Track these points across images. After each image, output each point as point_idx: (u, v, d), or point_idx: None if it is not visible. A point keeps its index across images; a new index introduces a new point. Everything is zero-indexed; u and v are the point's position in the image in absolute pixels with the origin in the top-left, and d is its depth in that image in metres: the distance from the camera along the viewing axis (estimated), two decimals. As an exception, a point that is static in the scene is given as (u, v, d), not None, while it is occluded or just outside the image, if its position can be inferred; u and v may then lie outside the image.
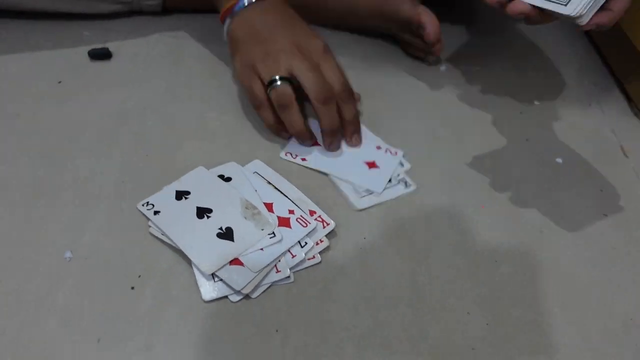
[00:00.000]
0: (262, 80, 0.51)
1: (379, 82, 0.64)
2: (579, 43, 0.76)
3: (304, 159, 0.53)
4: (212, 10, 0.59)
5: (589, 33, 0.77)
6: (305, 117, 0.54)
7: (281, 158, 0.52)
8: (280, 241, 0.44)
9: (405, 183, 0.52)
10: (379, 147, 0.55)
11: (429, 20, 0.61)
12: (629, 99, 0.66)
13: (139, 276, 0.42)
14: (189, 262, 0.43)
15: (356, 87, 0.61)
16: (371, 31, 0.69)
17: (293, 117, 0.51)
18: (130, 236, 0.44)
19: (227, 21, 0.56)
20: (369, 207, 0.49)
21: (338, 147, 0.54)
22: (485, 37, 0.74)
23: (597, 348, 0.41)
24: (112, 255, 0.43)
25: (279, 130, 0.54)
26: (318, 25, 0.66)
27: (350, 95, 0.53)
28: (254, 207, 0.46)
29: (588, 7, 0.46)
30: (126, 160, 0.50)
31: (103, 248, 0.43)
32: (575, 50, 0.75)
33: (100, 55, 0.60)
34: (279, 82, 0.50)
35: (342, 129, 0.54)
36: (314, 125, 0.55)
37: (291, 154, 0.53)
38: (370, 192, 0.50)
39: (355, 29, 0.69)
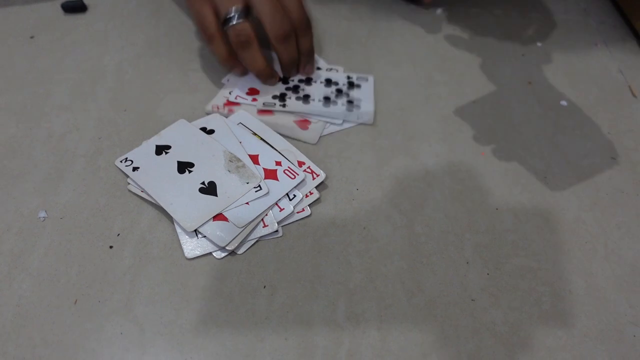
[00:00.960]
0: (215, 10, 0.46)
1: (372, 28, 0.60)
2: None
3: (231, 109, 0.49)
4: None
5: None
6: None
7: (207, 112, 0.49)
8: (266, 194, 0.41)
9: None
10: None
11: None
12: (637, 36, 0.62)
13: (118, 235, 0.39)
14: (170, 219, 0.40)
15: (347, 34, 0.58)
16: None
17: (254, 55, 0.47)
18: (108, 194, 0.42)
19: None
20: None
21: (296, 74, 0.52)
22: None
23: (603, 295, 0.39)
24: (88, 214, 0.40)
25: (233, 66, 0.49)
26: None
27: (308, 27, 0.48)
28: (238, 160, 0.43)
29: None
30: (103, 116, 0.48)
31: (79, 207, 0.41)
32: (580, -12, 0.70)
33: (74, 7, 0.57)
34: (236, 18, 0.45)
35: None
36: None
37: (218, 107, 0.49)
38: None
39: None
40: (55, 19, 0.56)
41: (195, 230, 0.39)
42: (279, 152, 0.45)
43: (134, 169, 0.43)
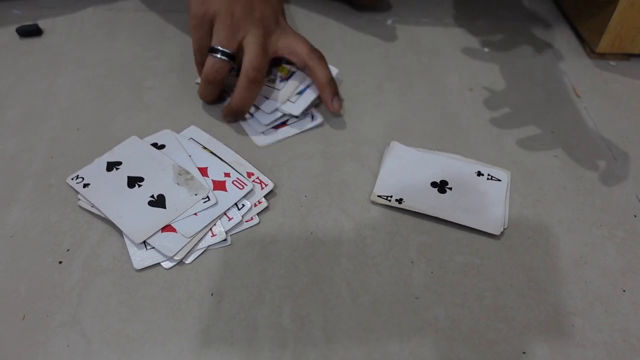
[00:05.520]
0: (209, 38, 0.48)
1: (325, 40, 0.62)
2: (531, -12, 0.74)
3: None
4: None
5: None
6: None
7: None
8: (215, 205, 0.42)
9: (312, 116, 0.52)
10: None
11: None
12: (581, 39, 0.65)
13: (68, 250, 0.40)
14: (120, 232, 0.41)
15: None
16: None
17: (213, 92, 0.51)
18: (59, 211, 0.43)
19: None
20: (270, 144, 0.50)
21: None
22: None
23: (543, 288, 0.40)
24: (39, 231, 0.41)
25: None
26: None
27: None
28: (187, 173, 0.44)
29: None
30: (56, 135, 0.48)
31: (29, 224, 0.42)
32: (527, -5, 0.73)
33: (29, 32, 0.58)
34: (220, 54, 0.47)
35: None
36: None
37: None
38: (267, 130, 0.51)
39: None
40: (10, 44, 0.57)
41: (145, 242, 0.40)
42: (228, 164, 0.46)
43: (85, 185, 0.44)
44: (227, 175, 0.45)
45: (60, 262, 0.39)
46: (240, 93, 0.48)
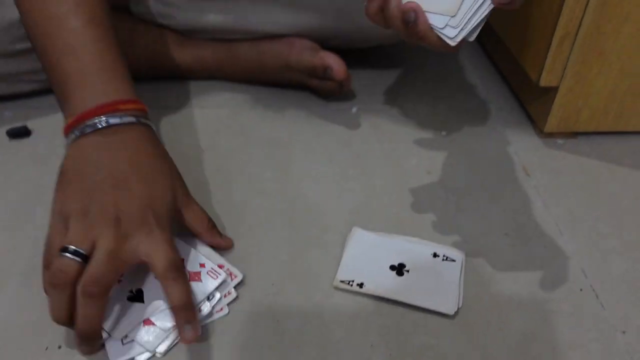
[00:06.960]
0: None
1: (293, 131, 0.67)
2: (483, 68, 0.81)
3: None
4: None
5: (492, 58, 0.82)
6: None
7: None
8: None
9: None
10: None
11: (333, 60, 0.65)
12: (532, 120, 0.70)
13: (46, 348, 0.43)
14: (98, 327, 0.44)
15: (270, 137, 0.64)
16: (284, 83, 0.72)
17: (61, 304, 0.40)
18: (40, 309, 0.45)
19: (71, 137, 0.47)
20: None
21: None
22: (394, 73, 0.78)
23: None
24: (20, 330, 0.44)
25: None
26: (230, 81, 0.70)
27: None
28: (163, 267, 0.47)
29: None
30: (41, 235, 0.51)
31: (10, 324, 0.44)
32: (480, 76, 0.79)
33: (19, 133, 0.62)
34: (68, 255, 0.40)
35: None
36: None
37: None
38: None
39: (268, 83, 0.73)
40: (1, 146, 0.62)
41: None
42: (204, 256, 0.49)
43: (66, 283, 0.47)
44: (202, 265, 0.48)
45: (41, 360, 0.42)
46: (78, 310, 0.40)
